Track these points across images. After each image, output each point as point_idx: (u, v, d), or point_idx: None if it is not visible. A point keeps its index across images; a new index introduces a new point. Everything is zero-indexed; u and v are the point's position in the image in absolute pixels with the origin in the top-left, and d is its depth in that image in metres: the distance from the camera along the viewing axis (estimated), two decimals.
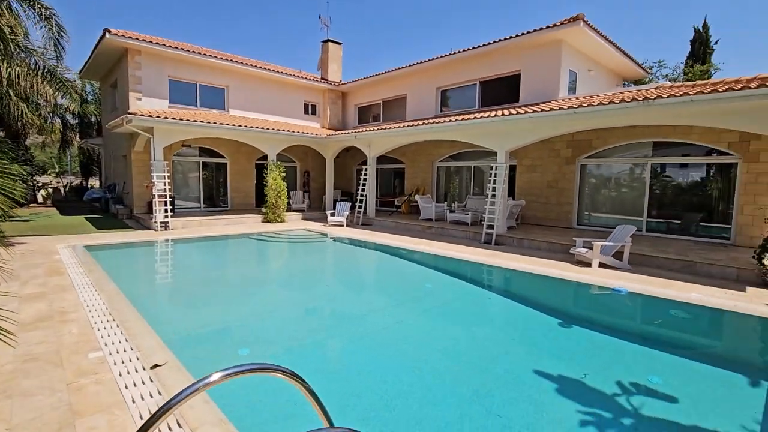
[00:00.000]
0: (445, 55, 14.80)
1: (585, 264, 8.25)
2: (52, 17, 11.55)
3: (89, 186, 28.42)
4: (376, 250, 10.93)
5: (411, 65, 16.10)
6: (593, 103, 8.95)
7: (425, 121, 13.48)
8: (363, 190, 15.17)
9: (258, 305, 6.44)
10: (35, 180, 24.41)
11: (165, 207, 12.22)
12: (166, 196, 12.28)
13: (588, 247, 8.32)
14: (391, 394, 3.53)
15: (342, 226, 14.14)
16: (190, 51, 14.69)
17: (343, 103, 20.49)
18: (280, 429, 3.01)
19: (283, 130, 15.14)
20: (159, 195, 12.12)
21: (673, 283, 6.90)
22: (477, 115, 11.74)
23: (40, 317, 4.66)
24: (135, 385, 3.14)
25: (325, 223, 14.59)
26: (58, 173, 36.46)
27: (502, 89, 13.97)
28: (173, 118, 12.23)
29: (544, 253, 9.45)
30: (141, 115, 11.82)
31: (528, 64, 13.04)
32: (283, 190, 14.70)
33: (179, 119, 12.34)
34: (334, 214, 14.63)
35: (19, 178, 4.51)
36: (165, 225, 12.19)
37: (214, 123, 13.17)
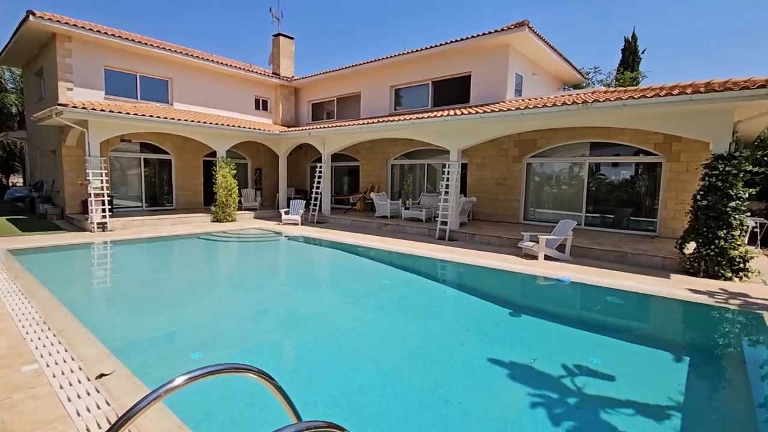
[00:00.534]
0: (399, 54, 14.98)
1: (532, 257, 8.75)
2: None
3: (11, 184, 25.70)
4: (332, 248, 10.87)
5: (365, 63, 16.11)
6: (538, 105, 9.49)
7: (380, 119, 13.58)
8: (318, 188, 15.01)
9: (211, 307, 6.20)
10: None
11: (102, 206, 11.36)
12: (103, 194, 11.41)
13: (534, 241, 8.82)
14: (351, 390, 3.57)
15: (297, 224, 13.90)
16: (129, 39, 13.70)
17: (296, 99, 20.11)
18: None
19: (233, 126, 14.59)
20: (95, 194, 11.24)
21: (609, 272, 7.51)
22: (431, 114, 12.02)
23: None
24: (79, 397, 2.93)
25: (279, 222, 14.27)
26: None
27: (453, 90, 14.38)
28: (111, 111, 11.37)
29: (494, 248, 9.89)
30: (73, 106, 10.86)
31: (478, 66, 13.53)
32: (233, 188, 14.18)
33: (118, 112, 11.50)
34: (288, 213, 14.35)
35: None
36: (103, 226, 11.33)
37: (158, 117, 12.41)
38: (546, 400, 3.41)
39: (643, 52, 21.87)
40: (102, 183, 11.40)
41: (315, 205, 14.89)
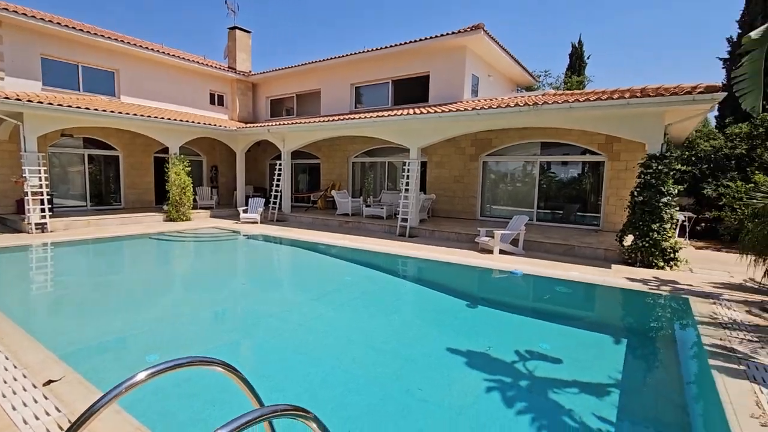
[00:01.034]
0: (359, 52, 15.00)
1: (487, 251, 9.13)
2: None
3: None
4: (293, 246, 10.77)
5: (325, 60, 16.00)
6: (493, 106, 9.90)
7: (341, 117, 13.56)
8: (278, 186, 14.76)
9: (166, 309, 5.99)
10: None
11: (42, 206, 10.58)
12: (42, 193, 10.62)
13: (490, 236, 9.21)
14: (315, 385, 3.62)
15: (256, 223, 13.61)
16: (69, 27, 12.78)
17: (254, 94, 19.60)
18: (201, 430, 2.92)
19: (186, 121, 14.00)
20: (33, 192, 10.43)
21: (558, 264, 8.00)
22: (391, 113, 12.18)
23: None
24: (26, 405, 2.78)
25: (237, 221, 13.90)
26: None
27: (413, 89, 14.63)
28: (51, 104, 10.59)
29: (452, 243, 10.22)
30: (5, 97, 10.01)
31: (436, 66, 13.84)
32: (188, 185, 13.62)
33: (58, 105, 10.72)
34: (246, 211, 14.01)
35: None
36: (42, 226, 10.55)
37: (103, 111, 11.68)
38: (500, 384, 3.64)
39: (588, 58, 23.22)
40: (41, 181, 10.60)
41: (275, 203, 14.65)
